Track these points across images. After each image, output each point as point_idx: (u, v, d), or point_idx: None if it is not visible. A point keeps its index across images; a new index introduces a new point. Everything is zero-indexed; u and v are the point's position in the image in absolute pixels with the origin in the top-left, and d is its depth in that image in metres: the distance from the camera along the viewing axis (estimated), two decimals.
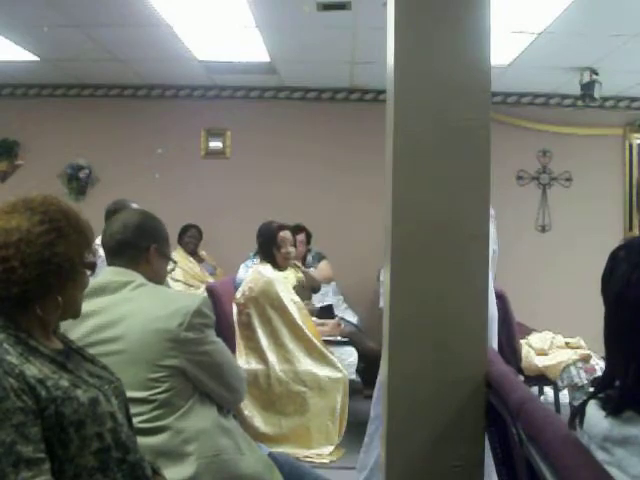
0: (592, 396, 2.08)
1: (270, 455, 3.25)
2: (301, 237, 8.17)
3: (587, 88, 8.36)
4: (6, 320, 2.26)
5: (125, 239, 3.16)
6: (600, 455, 1.94)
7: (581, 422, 2.07)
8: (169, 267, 3.44)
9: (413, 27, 2.90)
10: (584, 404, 2.08)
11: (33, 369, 2.17)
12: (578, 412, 2.09)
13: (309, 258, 8.66)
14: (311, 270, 7.85)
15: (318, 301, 7.79)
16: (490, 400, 2.78)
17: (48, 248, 2.23)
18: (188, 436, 2.87)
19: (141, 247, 3.19)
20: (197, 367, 2.95)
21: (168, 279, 7.99)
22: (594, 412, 2.03)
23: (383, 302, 3.30)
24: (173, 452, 2.83)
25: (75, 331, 2.61)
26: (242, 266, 7.11)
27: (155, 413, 2.84)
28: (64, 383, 2.21)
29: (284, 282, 6.40)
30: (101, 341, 2.83)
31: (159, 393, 2.85)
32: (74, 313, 2.40)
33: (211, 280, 8.33)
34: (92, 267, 2.42)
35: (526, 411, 2.22)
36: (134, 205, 6.03)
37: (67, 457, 2.16)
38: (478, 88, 2.85)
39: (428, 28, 2.88)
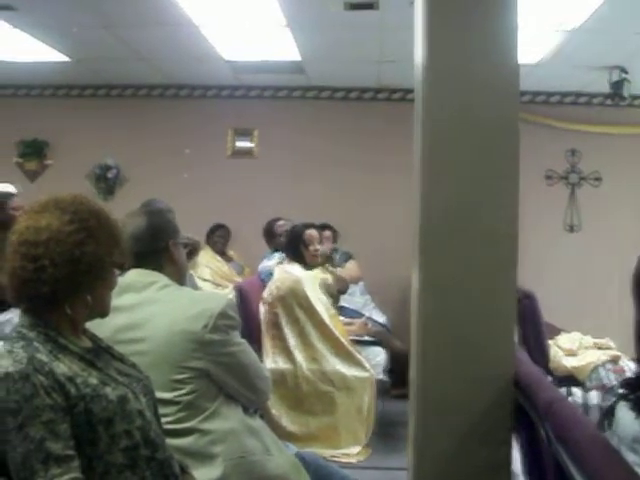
0: (622, 397, 2.07)
1: (297, 455, 3.24)
2: (327, 234, 8.16)
3: (616, 87, 8.30)
4: (36, 318, 2.28)
5: (142, 250, 3.12)
6: (630, 457, 1.93)
7: (610, 423, 2.06)
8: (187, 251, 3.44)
9: (441, 26, 2.90)
10: (614, 405, 2.07)
11: (63, 367, 2.19)
12: (608, 413, 2.08)
13: (336, 258, 8.64)
14: (338, 270, 7.84)
15: (346, 301, 7.77)
16: (518, 400, 2.77)
17: (78, 247, 2.25)
18: (215, 437, 2.86)
19: (159, 249, 3.19)
20: (222, 368, 2.95)
21: (196, 279, 8.06)
22: (624, 414, 2.01)
23: None
24: (200, 453, 2.83)
25: (102, 329, 2.62)
26: (264, 260, 7.20)
27: (180, 415, 2.84)
28: (93, 381, 2.23)
29: (312, 281, 6.39)
30: (127, 341, 2.82)
31: (184, 395, 2.85)
32: (103, 312, 2.42)
33: (239, 279, 8.34)
34: (121, 267, 2.44)
35: (555, 411, 2.21)
36: (162, 205, 6.06)
37: (96, 454, 2.18)
38: (506, 87, 2.85)
39: (455, 27, 2.88)
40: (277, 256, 7.30)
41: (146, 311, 2.95)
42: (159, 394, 2.63)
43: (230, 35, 7.43)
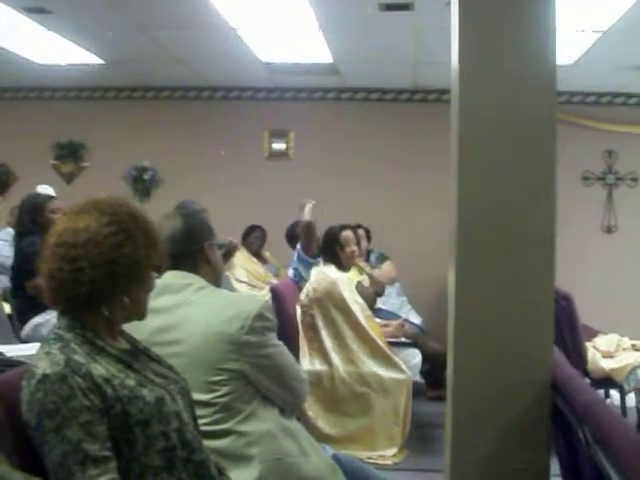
0: None
1: (334, 457, 3.23)
2: (361, 232, 8.14)
3: None
4: (73, 320, 2.28)
5: (178, 253, 3.09)
6: None
7: None
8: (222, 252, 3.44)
9: (477, 27, 2.89)
10: None
11: (100, 368, 2.20)
12: None
13: (372, 259, 8.64)
14: (375, 271, 7.82)
15: (382, 303, 7.75)
16: (556, 403, 2.75)
17: (116, 249, 2.25)
18: (251, 439, 2.85)
19: (195, 251, 3.18)
20: (258, 370, 2.93)
21: (232, 280, 8.07)
22: None
23: None
24: (236, 455, 2.82)
25: (138, 331, 2.62)
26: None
27: (217, 416, 2.83)
28: (130, 382, 2.23)
29: (348, 283, 6.38)
30: (163, 343, 2.82)
31: (220, 396, 2.84)
32: (140, 314, 2.42)
33: (275, 281, 8.34)
34: (159, 269, 2.44)
35: (593, 414, 2.19)
36: (196, 206, 6.09)
37: (133, 456, 2.18)
38: (544, 87, 2.84)
39: (493, 28, 2.87)
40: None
41: (182, 313, 2.95)
42: (196, 396, 2.63)
43: (266, 37, 7.45)
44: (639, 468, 1.78)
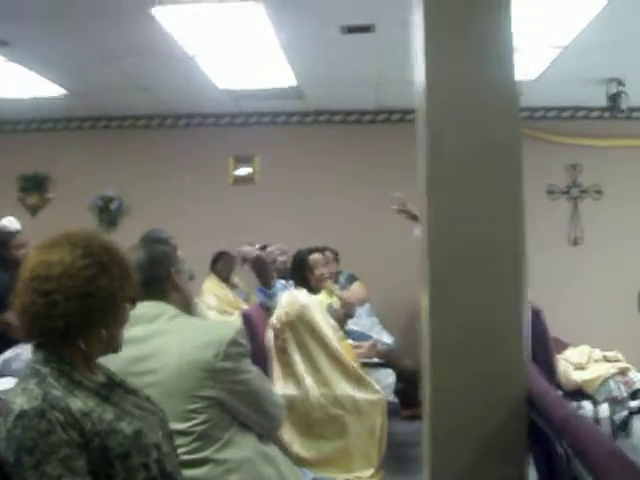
0: (639, 410, 2.07)
1: None
2: (328, 254, 8.13)
3: (614, 100, 8.33)
4: (49, 353, 2.27)
5: (145, 280, 3.08)
6: None
7: (627, 435, 2.06)
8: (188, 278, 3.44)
9: (439, 47, 2.92)
10: (628, 418, 2.07)
11: (78, 402, 2.18)
12: (622, 426, 2.09)
13: (341, 280, 8.63)
14: (345, 292, 7.82)
15: (352, 324, 7.75)
16: (532, 417, 2.77)
17: (91, 282, 2.24)
18: (230, 467, 2.85)
19: (162, 278, 3.18)
20: (234, 396, 2.93)
21: (202, 306, 8.04)
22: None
23: None
24: None
25: (113, 361, 2.61)
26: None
27: (194, 445, 2.82)
28: (108, 416, 2.22)
29: (319, 306, 6.38)
30: (138, 373, 2.81)
31: (197, 425, 2.83)
32: (115, 347, 2.41)
33: (245, 306, 8.32)
34: (133, 301, 2.43)
35: (571, 428, 2.21)
36: (163, 235, 6.10)
37: None
38: (507, 104, 2.86)
39: (454, 48, 2.90)
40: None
41: (157, 342, 2.94)
42: (173, 425, 2.62)
43: (225, 64, 7.47)
44: (616, 477, 1.80)
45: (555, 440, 2.38)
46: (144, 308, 3.07)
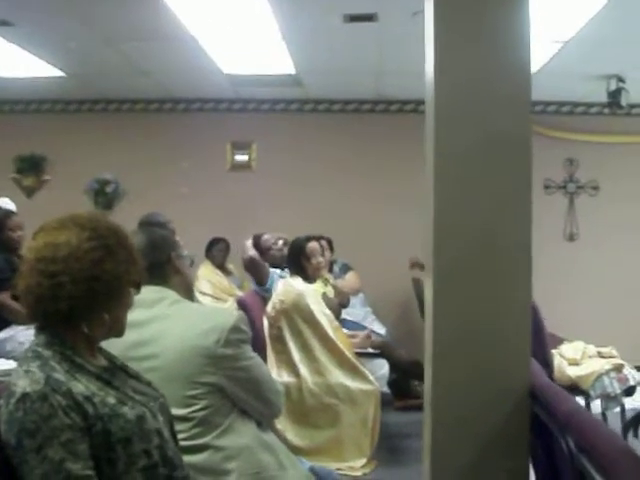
0: None
1: (311, 469, 3.22)
2: (323, 243, 8.12)
3: (614, 96, 8.32)
4: (52, 336, 2.25)
5: (146, 264, 3.08)
6: None
7: (636, 433, 2.05)
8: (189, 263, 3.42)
9: (452, 37, 2.89)
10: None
11: (80, 386, 2.16)
12: (633, 423, 2.08)
13: (335, 269, 8.63)
14: (338, 282, 7.82)
15: (346, 314, 7.74)
16: (535, 411, 2.76)
17: (97, 265, 2.22)
18: (229, 453, 2.84)
19: (163, 261, 3.17)
20: (235, 383, 2.92)
21: (196, 293, 8.02)
22: None
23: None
24: (214, 470, 2.80)
25: (113, 346, 2.59)
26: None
27: (194, 431, 2.81)
28: (111, 400, 2.20)
29: (315, 294, 6.37)
30: (138, 358, 2.78)
31: (197, 411, 2.82)
32: (118, 332, 2.39)
33: (239, 293, 8.30)
34: (138, 286, 2.41)
35: (576, 423, 2.20)
36: (160, 219, 6.07)
37: (114, 474, 2.15)
38: (518, 96, 2.85)
39: (467, 38, 2.88)
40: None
41: (157, 327, 2.92)
42: (173, 410, 2.60)
43: (229, 48, 7.43)
44: (627, 474, 1.79)
45: (559, 435, 2.37)
46: (144, 292, 3.03)
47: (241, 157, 9.97)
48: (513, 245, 2.84)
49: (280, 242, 7.56)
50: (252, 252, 6.95)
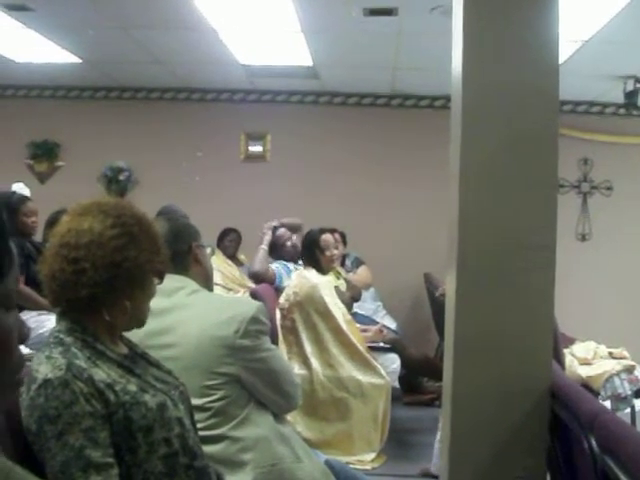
0: None
1: (327, 462, 3.22)
2: (337, 236, 8.12)
3: (630, 96, 8.29)
4: (73, 323, 2.25)
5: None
6: None
7: None
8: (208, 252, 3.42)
9: (482, 36, 2.88)
10: None
11: (101, 373, 2.16)
12: None
13: (347, 263, 8.63)
14: (350, 275, 7.83)
15: (357, 307, 7.74)
16: (555, 411, 2.75)
17: (120, 252, 2.22)
18: (245, 445, 2.83)
19: (183, 251, 3.16)
20: (253, 374, 2.91)
21: None
22: None
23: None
24: (230, 461, 2.80)
25: (132, 334, 2.59)
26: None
27: (210, 421, 2.81)
28: (132, 388, 2.20)
29: (328, 287, 6.37)
30: (157, 347, 2.78)
31: (214, 401, 2.82)
32: (140, 321, 2.39)
33: (250, 284, 8.29)
34: (161, 275, 2.41)
35: (601, 423, 2.19)
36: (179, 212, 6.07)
37: (135, 462, 2.15)
38: (546, 94, 2.84)
39: (496, 36, 2.86)
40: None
41: (176, 316, 2.92)
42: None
43: (247, 39, 7.42)
44: None
45: (582, 434, 2.35)
46: (165, 281, 3.04)
47: (255, 148, 9.96)
48: (538, 243, 2.84)
49: (294, 237, 7.57)
50: (256, 266, 7.08)
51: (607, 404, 6.53)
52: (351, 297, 7.01)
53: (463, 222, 2.87)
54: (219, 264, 8.78)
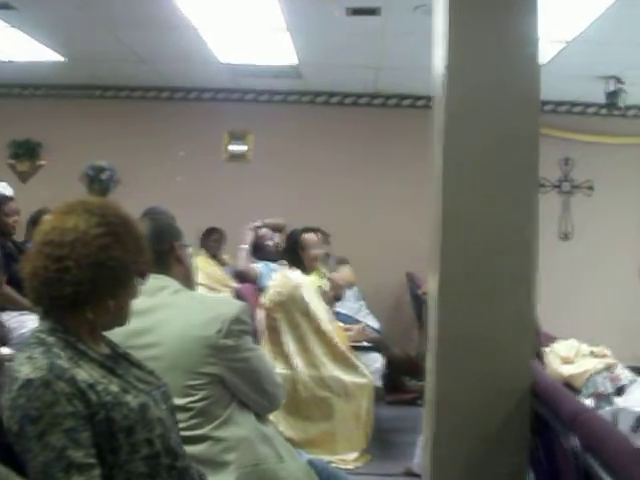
0: None
1: (309, 462, 3.22)
2: (319, 236, 8.12)
3: (612, 97, 8.33)
4: (55, 323, 2.24)
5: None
6: None
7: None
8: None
9: (464, 35, 2.89)
10: None
11: (83, 373, 2.15)
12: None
13: (330, 262, 8.62)
14: (333, 274, 7.83)
15: (340, 306, 7.75)
16: (537, 410, 2.76)
17: (104, 251, 2.22)
18: (228, 445, 2.83)
19: (166, 251, 3.16)
20: (235, 374, 2.91)
21: None
22: None
23: None
24: (212, 461, 2.79)
25: (114, 333, 2.58)
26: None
27: (193, 422, 2.80)
28: (114, 388, 2.19)
29: (311, 286, 6.37)
30: (139, 346, 2.77)
31: (196, 401, 2.81)
32: (122, 320, 2.38)
33: (233, 284, 8.28)
34: (144, 275, 2.41)
35: (583, 422, 2.20)
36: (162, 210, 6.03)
37: (117, 463, 2.14)
38: (528, 94, 2.85)
39: (479, 36, 2.87)
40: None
41: (159, 316, 2.91)
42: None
43: (229, 38, 7.42)
44: (635, 475, 1.79)
45: (563, 433, 2.36)
46: (147, 280, 3.04)
47: (238, 147, 9.96)
48: (519, 243, 2.85)
49: (276, 237, 7.58)
50: (239, 265, 7.18)
51: (588, 402, 6.56)
52: (334, 296, 7.02)
53: (445, 221, 2.89)
54: (202, 264, 8.76)
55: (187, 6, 6.39)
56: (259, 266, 7.18)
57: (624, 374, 6.38)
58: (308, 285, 6.33)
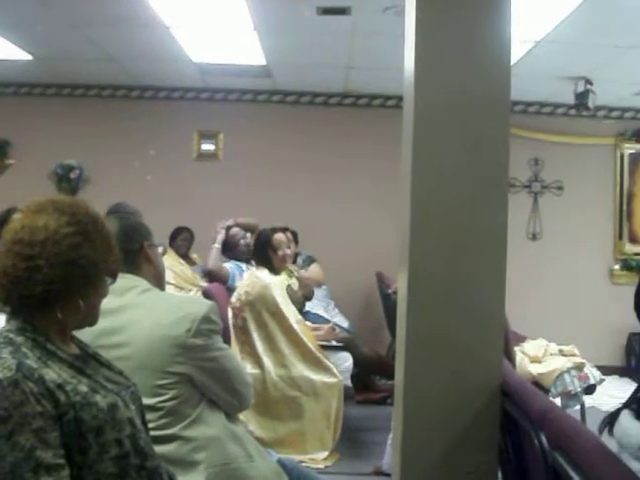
0: (625, 406, 2.07)
1: (279, 461, 3.22)
2: (289, 235, 8.12)
3: (581, 97, 8.38)
4: (24, 323, 2.22)
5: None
6: (635, 465, 1.93)
7: (611, 431, 2.06)
8: (160, 251, 3.41)
9: (434, 35, 2.89)
10: (616, 413, 2.07)
11: (52, 373, 2.14)
12: (610, 421, 2.08)
13: (299, 261, 8.62)
14: (302, 272, 7.83)
15: (309, 306, 7.74)
16: (506, 408, 2.77)
17: (75, 250, 2.20)
18: (197, 445, 2.83)
19: (135, 250, 3.15)
20: (204, 373, 2.91)
21: None
22: (628, 422, 2.02)
23: None
24: (182, 461, 2.79)
25: (83, 333, 2.56)
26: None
27: (162, 421, 2.80)
28: (83, 388, 2.18)
29: (280, 287, 6.37)
30: (108, 346, 2.76)
31: (166, 401, 2.81)
32: (92, 320, 2.37)
33: (202, 283, 8.27)
34: (114, 275, 2.39)
35: (551, 420, 2.21)
36: (130, 209, 6.01)
37: (86, 463, 2.12)
38: (498, 96, 2.86)
39: (448, 36, 2.88)
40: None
41: (128, 315, 2.90)
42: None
43: (199, 37, 7.40)
44: (604, 474, 1.80)
45: (532, 431, 2.38)
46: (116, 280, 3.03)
47: (208, 146, 9.95)
48: (488, 244, 2.86)
49: (248, 236, 7.58)
50: (210, 264, 7.20)
51: (557, 401, 6.60)
52: (303, 295, 7.01)
53: (414, 221, 2.89)
54: (171, 263, 8.74)
55: (159, 4, 6.36)
56: (230, 266, 7.18)
57: (592, 373, 6.44)
58: (277, 285, 6.33)
